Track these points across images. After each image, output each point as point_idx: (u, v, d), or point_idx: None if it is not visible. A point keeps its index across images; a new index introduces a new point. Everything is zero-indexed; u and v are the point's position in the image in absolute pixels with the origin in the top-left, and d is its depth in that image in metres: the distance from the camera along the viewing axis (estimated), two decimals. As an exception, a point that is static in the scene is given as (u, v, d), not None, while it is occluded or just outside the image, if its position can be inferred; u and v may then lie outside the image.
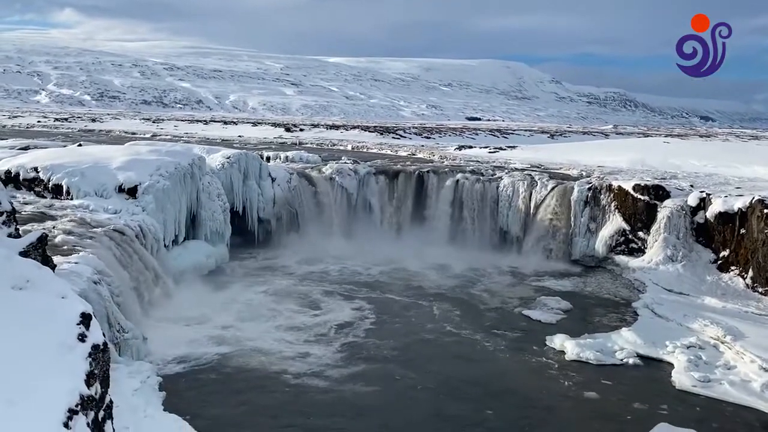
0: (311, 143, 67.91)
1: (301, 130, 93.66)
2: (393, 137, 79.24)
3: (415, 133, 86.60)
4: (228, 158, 36.82)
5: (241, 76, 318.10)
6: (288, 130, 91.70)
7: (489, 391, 19.41)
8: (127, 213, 26.33)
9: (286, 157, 46.97)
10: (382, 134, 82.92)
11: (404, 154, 56.94)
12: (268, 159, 45.56)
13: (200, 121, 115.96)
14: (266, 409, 17.74)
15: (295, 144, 65.30)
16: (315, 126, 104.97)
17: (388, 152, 58.82)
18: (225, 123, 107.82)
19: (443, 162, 49.17)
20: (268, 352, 21.45)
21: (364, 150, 61.64)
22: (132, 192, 27.85)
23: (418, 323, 25.39)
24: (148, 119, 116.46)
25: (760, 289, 28.94)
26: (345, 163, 43.05)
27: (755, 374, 20.48)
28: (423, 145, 67.82)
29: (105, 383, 10.31)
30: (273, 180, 38.67)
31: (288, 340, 22.68)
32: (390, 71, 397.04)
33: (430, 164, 46.26)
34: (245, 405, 17.91)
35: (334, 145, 66.90)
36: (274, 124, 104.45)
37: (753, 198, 30.50)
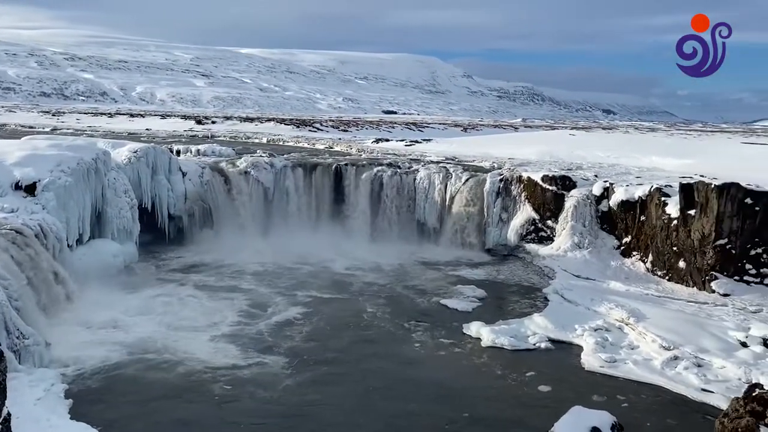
0: (224, 136, 66.20)
1: (213, 122, 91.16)
2: (310, 130, 78.52)
3: (332, 126, 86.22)
4: (135, 152, 35.21)
5: (148, 67, 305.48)
6: (199, 122, 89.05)
7: (409, 380, 19.58)
8: (26, 212, 24.62)
9: (198, 150, 45.54)
10: (298, 127, 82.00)
11: (321, 147, 56.57)
12: (178, 153, 43.96)
13: (105, 113, 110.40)
14: (187, 418, 16.99)
15: (207, 137, 63.40)
16: (228, 118, 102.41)
17: (305, 145, 58.25)
18: (131, 116, 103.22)
19: (361, 155, 49.24)
20: (186, 356, 20.58)
21: (280, 143, 60.76)
22: (30, 189, 26.07)
23: (339, 318, 25.22)
24: (47, 112, 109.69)
25: (659, 273, 30.85)
26: (260, 156, 42.20)
27: (656, 353, 21.81)
28: (340, 138, 67.64)
29: (1, 395, 9.57)
30: (184, 174, 37.34)
31: (206, 342, 21.87)
32: (305, 63, 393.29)
33: (347, 157, 46.18)
34: (163, 413, 17.10)
35: (248, 138, 65.50)
36: (185, 117, 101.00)
37: (652, 186, 32.39)
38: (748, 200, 28.40)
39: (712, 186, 29.06)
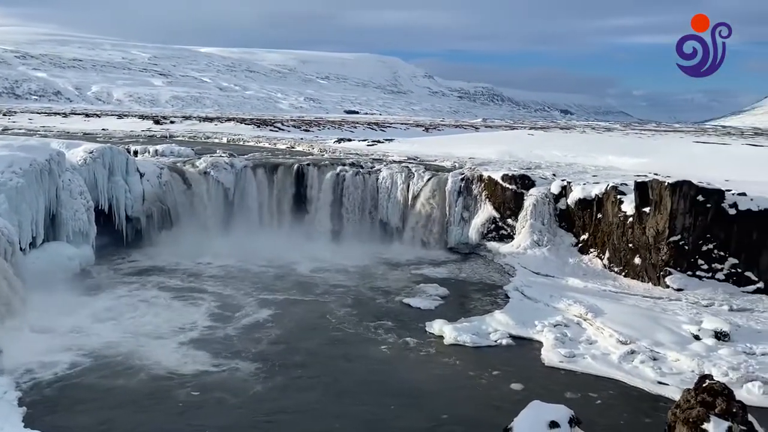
0: (183, 136, 65.15)
1: (172, 122, 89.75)
2: (271, 130, 77.94)
3: (294, 126, 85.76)
4: (91, 153, 34.36)
5: (104, 66, 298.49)
6: (157, 122, 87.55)
7: (378, 383, 19.59)
8: (-26, 214, 23.77)
9: (156, 151, 44.74)
10: (259, 127, 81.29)
11: (283, 147, 56.18)
12: (135, 153, 43.12)
13: (59, 113, 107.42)
14: (148, 425, 16.60)
15: (166, 137, 62.29)
16: (187, 118, 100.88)
17: (266, 145, 57.76)
18: (87, 116, 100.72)
19: (323, 155, 49.08)
20: (148, 362, 20.11)
21: (241, 143, 60.11)
22: (-21, 191, 25.18)
23: (306, 320, 25.00)
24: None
25: (616, 269, 31.61)
26: (220, 156, 41.65)
27: (613, 347, 22.34)
28: (302, 138, 67.30)
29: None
30: (142, 175, 36.59)
31: (170, 347, 21.42)
32: (266, 63, 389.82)
33: (309, 157, 45.96)
34: (122, 421, 16.65)
35: (208, 138, 64.62)
36: (142, 117, 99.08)
37: (608, 185, 33.16)
38: (700, 198, 29.33)
39: (666, 184, 29.91)
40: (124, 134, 64.79)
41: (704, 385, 10.33)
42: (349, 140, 64.61)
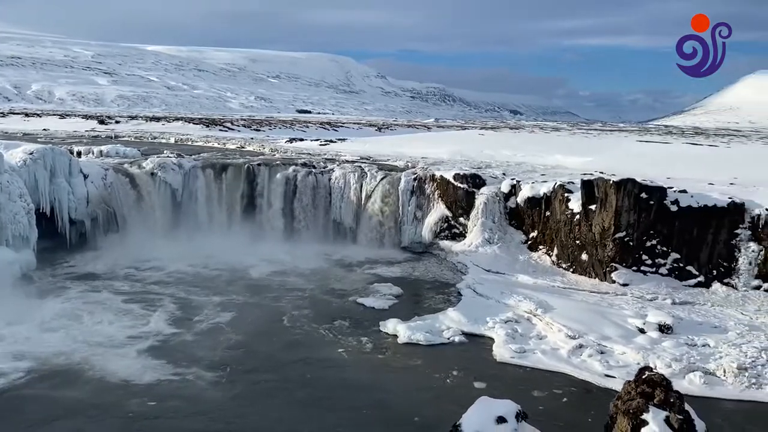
0: (129, 136, 63.45)
1: (117, 122, 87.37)
2: (220, 129, 76.67)
3: (244, 126, 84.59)
4: (31, 154, 33.05)
5: (44, 64, 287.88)
6: (102, 122, 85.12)
7: (336, 386, 19.47)
8: None
9: (101, 151, 43.44)
10: (208, 126, 79.86)
11: (233, 146, 55.32)
12: (79, 154, 41.77)
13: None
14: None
15: (111, 137, 60.53)
16: (133, 118, 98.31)
17: (216, 145, 56.78)
18: (27, 115, 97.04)
19: (274, 155, 48.55)
20: (98, 370, 19.47)
21: (189, 143, 58.91)
22: None
23: (261, 324, 24.59)
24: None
25: (564, 265, 32.33)
26: (168, 156, 40.70)
27: (562, 342, 22.85)
28: (253, 138, 66.40)
29: None
30: (85, 177, 35.41)
31: (120, 355, 20.78)
32: (215, 61, 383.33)
33: (260, 157, 45.38)
34: None
35: (155, 138, 63.06)
36: (86, 117, 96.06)
37: (556, 183, 33.89)
38: (643, 195, 30.28)
39: (611, 182, 30.77)
40: (67, 135, 62.60)
41: (644, 376, 10.67)
42: (301, 140, 64.10)
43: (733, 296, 28.16)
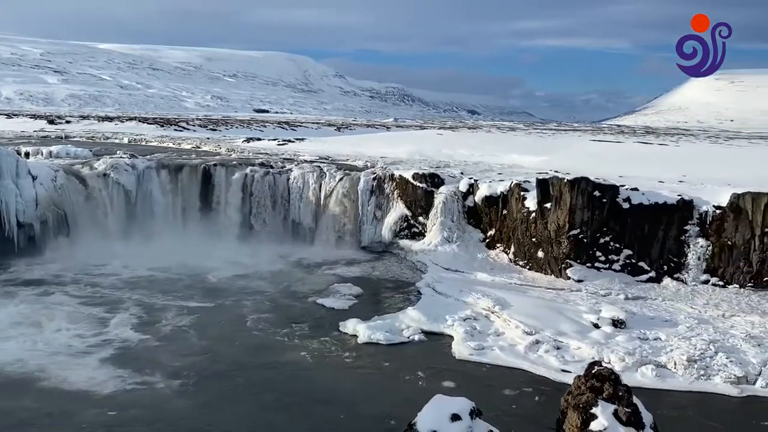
0: (80, 137, 61.62)
1: (68, 122, 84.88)
2: (175, 129, 75.20)
3: (200, 125, 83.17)
4: (-25, 155, 31.85)
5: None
6: (52, 122, 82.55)
7: (295, 386, 19.36)
8: None
9: (50, 152, 42.15)
10: (163, 126, 78.25)
11: (188, 147, 54.33)
12: (27, 155, 40.44)
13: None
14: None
15: (61, 138, 58.65)
16: (85, 118, 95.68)
17: (171, 145, 55.66)
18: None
19: (231, 155, 47.92)
20: (53, 378, 18.89)
21: (143, 143, 57.62)
22: None
23: (221, 328, 24.25)
24: None
25: (521, 263, 32.84)
26: (121, 157, 39.71)
27: (520, 338, 23.21)
28: (209, 138, 65.35)
29: None
30: (34, 178, 34.28)
31: (74, 362, 20.21)
32: (170, 60, 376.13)
33: (217, 157, 44.73)
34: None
35: (107, 138, 61.46)
36: (35, 116, 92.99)
37: (512, 182, 34.38)
38: (597, 193, 31.00)
39: (565, 181, 31.40)
40: (15, 135, 60.46)
41: (593, 371, 10.92)
42: (259, 139, 63.38)
43: (683, 290, 29.07)
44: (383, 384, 19.84)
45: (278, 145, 58.37)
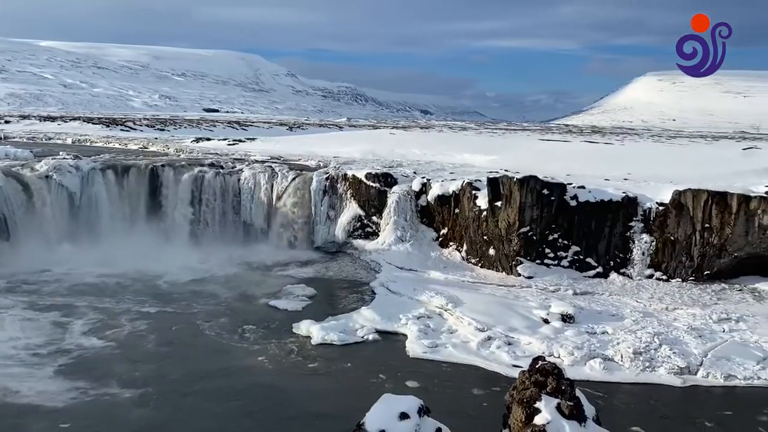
0: (20, 137, 59.34)
1: (7, 122, 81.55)
2: (122, 129, 73.25)
3: (148, 125, 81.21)
4: None
5: None
6: (-10, 122, 79.19)
7: (256, 391, 19.15)
8: None
9: (-12, 154, 40.42)
10: (108, 126, 76.09)
11: (135, 147, 52.98)
12: (-38, 156, 38.69)
13: None
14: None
15: (0, 138, 56.38)
16: (25, 117, 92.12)
17: (117, 146, 54.17)
18: None
19: (180, 155, 46.96)
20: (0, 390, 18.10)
21: (88, 144, 55.91)
22: None
23: (173, 334, 23.74)
24: None
25: (473, 260, 33.25)
26: (64, 158, 38.40)
27: (472, 335, 23.50)
28: (157, 138, 63.87)
29: None
30: (-29, 181, 32.83)
31: (24, 372, 19.43)
32: (115, 58, 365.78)
33: (165, 158, 43.74)
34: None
35: (49, 139, 59.38)
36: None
37: (464, 181, 34.78)
38: (545, 191, 31.64)
39: (515, 179, 31.96)
40: (-52, 135, 57.81)
41: (537, 366, 11.13)
42: (209, 139, 62.26)
43: (629, 285, 29.97)
44: (338, 385, 19.79)
45: (228, 145, 57.52)
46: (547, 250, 31.69)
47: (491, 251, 32.50)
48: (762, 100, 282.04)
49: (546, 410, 10.35)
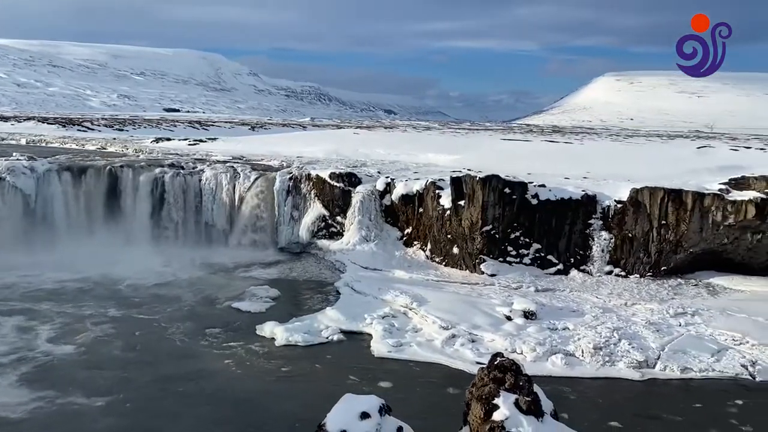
0: (-28, 138, 57.41)
1: (-42, 122, 78.80)
2: (79, 130, 71.59)
3: (106, 125, 79.48)
4: None
5: None
6: (-62, 122, 76.43)
7: (209, 392, 18.94)
8: None
9: (-64, 155, 38.94)
10: (65, 126, 74.23)
11: (93, 148, 51.81)
12: None
13: None
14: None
15: (-51, 139, 54.47)
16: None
17: (74, 146, 52.90)
18: None
19: (139, 156, 46.06)
20: None
21: (43, 144, 54.42)
22: None
23: (136, 339, 23.21)
24: None
25: (437, 259, 33.46)
26: (17, 159, 37.26)
27: (437, 333, 23.65)
28: (115, 138, 62.60)
29: None
30: None
31: None
32: (71, 57, 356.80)
33: (124, 158, 42.84)
34: None
35: (2, 139, 57.66)
36: None
37: (427, 181, 34.96)
38: (507, 190, 32.04)
39: (477, 179, 32.27)
40: None
41: (496, 362, 11.23)
42: (169, 139, 61.27)
43: (589, 281, 30.57)
44: (303, 386, 19.65)
45: (189, 145, 56.71)
46: (510, 248, 32.09)
47: (455, 250, 32.74)
48: (716, 100, 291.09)
49: (504, 406, 10.45)
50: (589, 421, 17.31)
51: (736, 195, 30.14)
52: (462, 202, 32.59)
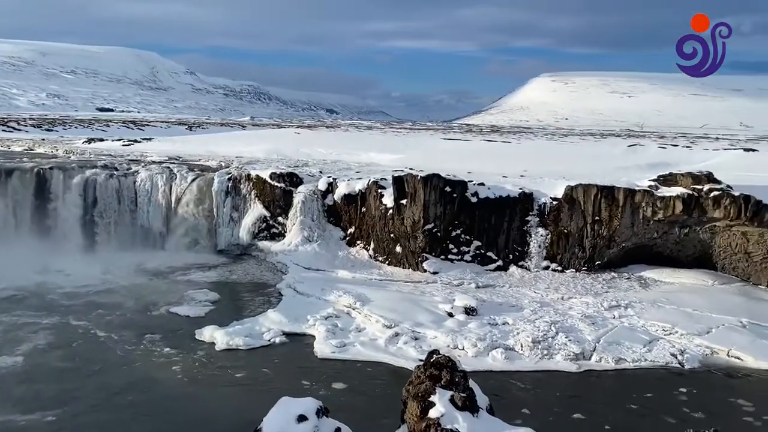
0: None
1: None
2: (4, 130, 68.17)
3: (34, 125, 76.03)
4: None
5: None
6: None
7: (143, 399, 18.39)
8: None
9: None
10: (-12, 127, 70.48)
11: (20, 149, 49.35)
12: None
13: None
14: None
15: None
16: None
17: (-2, 148, 50.27)
18: None
19: (70, 157, 44.24)
20: None
21: (-36, 146, 51.49)
22: None
23: (69, 347, 22.25)
24: None
25: (381, 258, 33.54)
26: (-64, 162, 35.19)
27: (380, 332, 23.71)
28: (44, 139, 59.96)
29: None
30: None
31: None
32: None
33: (53, 160, 41.03)
34: None
35: None
36: None
37: (370, 180, 34.99)
38: (448, 189, 32.44)
39: (419, 178, 32.54)
40: None
41: (432, 360, 11.34)
42: (102, 140, 59.17)
43: (527, 277, 31.29)
44: (239, 389, 19.35)
45: (123, 145, 54.95)
46: (451, 246, 32.51)
47: (398, 248, 32.91)
48: (645, 99, 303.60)
49: (440, 403, 10.55)
50: (527, 412, 17.72)
51: (665, 191, 31.45)
52: (404, 201, 32.80)
